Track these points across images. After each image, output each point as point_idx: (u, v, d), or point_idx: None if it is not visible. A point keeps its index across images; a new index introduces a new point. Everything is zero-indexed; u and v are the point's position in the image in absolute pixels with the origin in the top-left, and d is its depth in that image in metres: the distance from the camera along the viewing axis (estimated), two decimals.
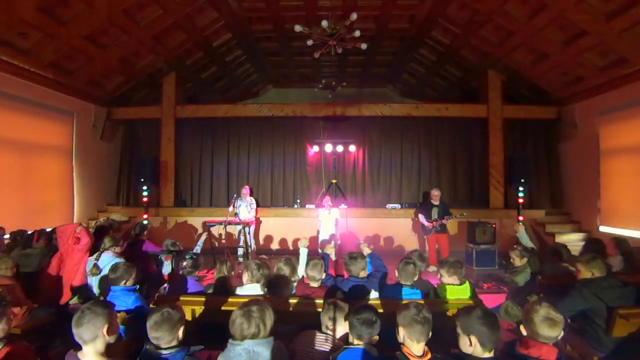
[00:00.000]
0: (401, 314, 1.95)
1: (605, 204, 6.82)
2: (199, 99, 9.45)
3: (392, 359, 1.90)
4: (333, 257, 3.76)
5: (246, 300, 2.05)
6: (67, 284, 3.73)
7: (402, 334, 1.92)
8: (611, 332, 2.71)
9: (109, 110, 8.15)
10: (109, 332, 1.85)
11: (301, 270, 3.40)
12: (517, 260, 4.09)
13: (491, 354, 1.80)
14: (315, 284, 3.08)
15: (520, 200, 7.30)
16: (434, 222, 6.39)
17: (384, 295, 3.06)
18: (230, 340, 1.87)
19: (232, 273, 3.40)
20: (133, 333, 2.63)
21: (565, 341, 3.12)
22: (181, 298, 2.92)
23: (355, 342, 2.00)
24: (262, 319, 1.87)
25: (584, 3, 5.08)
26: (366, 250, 3.62)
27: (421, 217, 6.60)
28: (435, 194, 6.57)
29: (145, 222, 7.43)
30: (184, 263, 3.55)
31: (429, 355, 1.88)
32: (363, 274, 3.13)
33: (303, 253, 3.60)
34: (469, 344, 1.81)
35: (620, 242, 4.16)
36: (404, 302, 2.79)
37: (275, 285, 2.96)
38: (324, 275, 3.15)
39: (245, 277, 3.09)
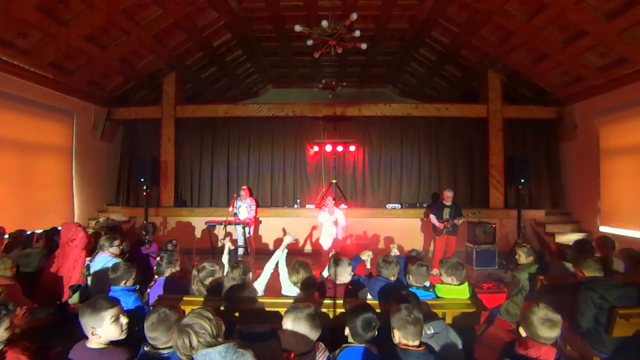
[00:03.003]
0: (394, 317, 2.00)
1: (605, 204, 6.82)
2: (199, 99, 9.45)
3: (391, 355, 1.92)
4: (368, 265, 3.75)
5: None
6: (66, 283, 3.73)
7: (397, 335, 1.98)
8: (611, 332, 2.71)
9: (109, 110, 8.15)
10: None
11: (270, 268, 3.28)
12: (523, 257, 4.02)
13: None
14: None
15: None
16: (446, 223, 6.37)
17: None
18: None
19: (249, 277, 3.03)
20: (133, 333, 2.62)
21: (565, 341, 3.13)
22: (184, 298, 2.92)
23: (356, 342, 2.00)
24: (198, 333, 1.69)
25: (584, 3, 5.08)
26: (395, 252, 3.66)
27: (432, 218, 6.52)
28: (448, 195, 6.52)
29: (147, 223, 7.43)
30: (157, 259, 3.47)
31: (424, 347, 1.97)
32: (393, 278, 3.18)
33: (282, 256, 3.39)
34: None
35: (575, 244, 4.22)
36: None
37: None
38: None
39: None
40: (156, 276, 3.45)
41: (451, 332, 2.26)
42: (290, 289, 3.16)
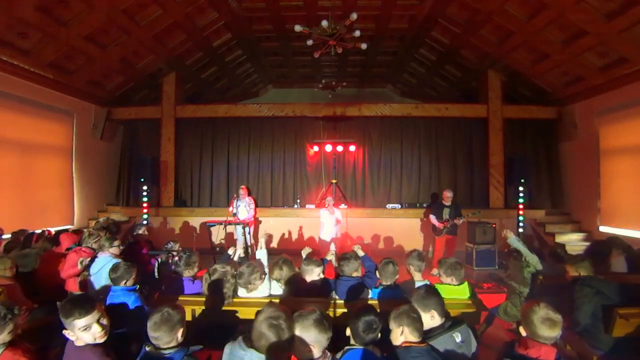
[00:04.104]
0: (401, 315, 1.98)
1: (605, 204, 6.82)
2: (199, 99, 9.45)
3: (394, 356, 1.92)
4: (334, 263, 3.75)
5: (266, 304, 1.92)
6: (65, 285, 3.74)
7: (406, 331, 1.95)
8: (611, 332, 2.71)
9: (109, 110, 8.15)
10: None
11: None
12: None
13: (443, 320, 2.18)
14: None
15: (521, 201, 7.29)
16: (445, 223, 6.37)
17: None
18: (242, 341, 1.79)
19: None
20: (133, 333, 2.62)
21: (564, 340, 3.13)
22: (180, 298, 2.92)
23: (357, 344, 2.00)
24: (290, 333, 1.75)
25: (584, 3, 5.08)
26: (360, 252, 3.63)
27: (432, 218, 6.53)
28: (448, 195, 6.52)
29: (145, 222, 7.42)
30: (176, 259, 3.47)
31: (426, 344, 1.96)
32: (356, 274, 3.18)
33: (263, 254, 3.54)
34: (430, 318, 2.13)
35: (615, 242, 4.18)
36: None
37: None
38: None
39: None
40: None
41: (472, 337, 2.21)
42: (274, 286, 3.17)
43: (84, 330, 1.92)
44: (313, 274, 3.13)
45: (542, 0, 5.41)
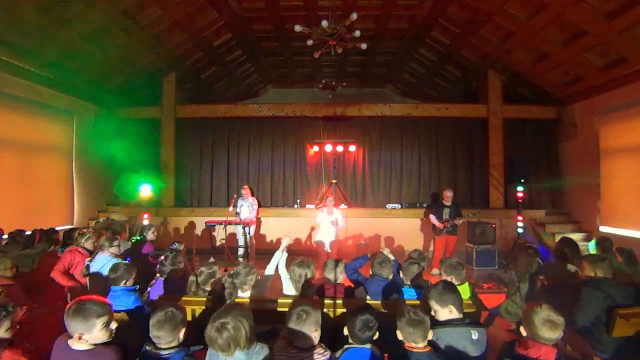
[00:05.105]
0: (398, 319, 2.02)
1: (605, 204, 6.82)
2: (199, 99, 9.45)
3: (397, 355, 1.94)
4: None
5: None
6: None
7: (401, 336, 1.99)
8: (611, 332, 2.70)
9: (109, 110, 8.14)
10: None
11: (272, 268, 3.37)
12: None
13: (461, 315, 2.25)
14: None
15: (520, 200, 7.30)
16: (445, 223, 6.37)
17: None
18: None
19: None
20: (132, 333, 2.62)
21: (565, 341, 3.13)
22: (183, 298, 2.92)
23: (355, 343, 2.00)
24: (235, 335, 1.76)
25: (584, 3, 5.08)
26: (390, 257, 3.62)
27: (432, 218, 6.54)
28: (448, 194, 6.53)
29: (145, 222, 7.40)
30: (162, 258, 3.46)
31: (429, 348, 1.97)
32: (391, 276, 3.27)
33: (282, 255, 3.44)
34: (448, 312, 2.21)
35: (602, 242, 4.17)
36: (408, 301, 2.83)
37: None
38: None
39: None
40: (158, 275, 3.45)
41: (486, 340, 2.23)
42: (290, 288, 3.16)
43: (104, 328, 1.90)
44: (340, 275, 3.20)
45: (542, 0, 5.41)
